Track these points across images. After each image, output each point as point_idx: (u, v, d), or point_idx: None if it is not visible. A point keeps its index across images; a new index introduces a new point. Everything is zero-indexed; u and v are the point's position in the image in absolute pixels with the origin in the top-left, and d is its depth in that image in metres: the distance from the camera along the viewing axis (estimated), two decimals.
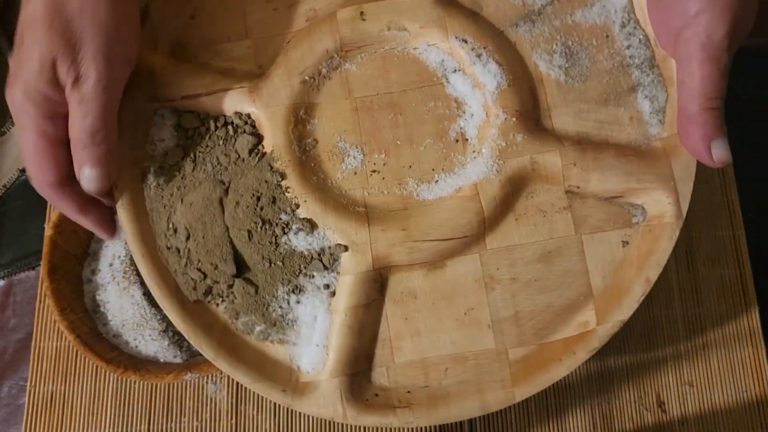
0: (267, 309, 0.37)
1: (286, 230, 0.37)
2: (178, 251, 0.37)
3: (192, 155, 0.38)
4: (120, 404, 0.46)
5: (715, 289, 0.48)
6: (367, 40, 0.39)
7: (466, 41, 0.38)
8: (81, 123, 0.35)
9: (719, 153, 0.35)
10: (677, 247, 0.38)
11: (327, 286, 0.37)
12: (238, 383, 0.46)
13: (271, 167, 0.38)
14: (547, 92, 0.39)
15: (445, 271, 0.37)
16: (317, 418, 0.46)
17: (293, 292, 0.37)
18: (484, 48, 0.38)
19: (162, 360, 0.45)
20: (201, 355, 0.47)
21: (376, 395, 0.37)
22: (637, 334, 0.47)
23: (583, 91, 0.39)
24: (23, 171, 0.51)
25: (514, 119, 0.37)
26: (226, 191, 0.38)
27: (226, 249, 0.37)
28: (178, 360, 0.45)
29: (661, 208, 0.37)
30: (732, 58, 0.35)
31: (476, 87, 0.38)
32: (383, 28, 0.38)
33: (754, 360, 0.47)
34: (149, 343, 0.45)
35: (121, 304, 0.45)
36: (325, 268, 0.37)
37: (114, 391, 0.46)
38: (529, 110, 0.38)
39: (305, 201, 0.37)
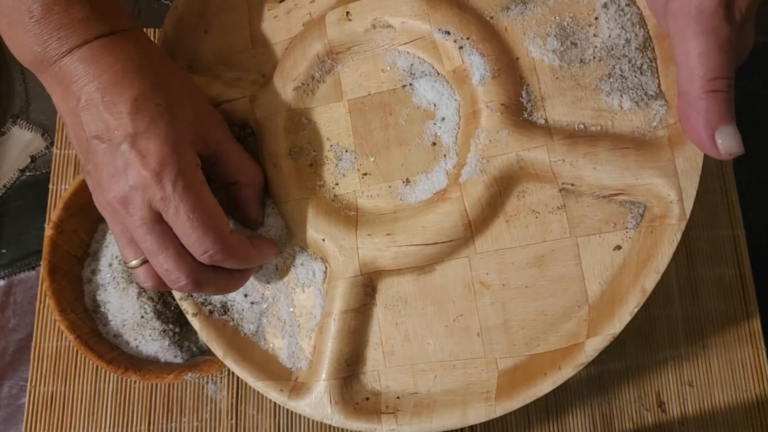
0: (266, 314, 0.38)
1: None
2: None
3: None
4: (120, 404, 0.46)
5: (714, 289, 0.48)
6: (355, 40, 0.37)
7: (449, 32, 0.35)
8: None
9: (726, 143, 0.29)
10: (677, 247, 0.34)
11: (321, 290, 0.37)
12: (238, 383, 0.46)
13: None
14: (540, 80, 0.35)
15: (434, 276, 0.36)
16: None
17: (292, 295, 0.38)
18: (467, 39, 0.35)
19: (162, 360, 0.45)
20: (201, 355, 0.46)
21: (367, 399, 0.36)
22: (636, 334, 0.47)
23: (580, 77, 0.34)
24: (23, 171, 0.51)
25: (499, 113, 0.34)
26: None
27: None
28: (178, 360, 0.45)
29: (664, 207, 0.33)
30: (738, 30, 0.29)
31: (459, 82, 0.36)
32: (368, 27, 0.37)
33: (754, 360, 0.47)
34: (149, 343, 0.45)
35: (121, 304, 0.45)
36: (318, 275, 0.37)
37: (114, 391, 0.46)
38: (517, 102, 0.34)
39: (297, 206, 0.37)
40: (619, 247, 0.34)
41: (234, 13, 0.41)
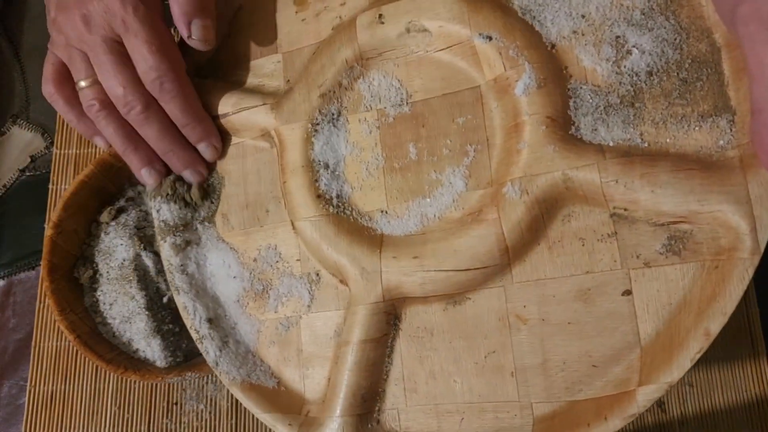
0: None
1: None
2: None
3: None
4: (120, 404, 0.45)
5: None
6: (387, 45, 0.34)
7: (490, 38, 0.31)
8: None
9: None
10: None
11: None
12: None
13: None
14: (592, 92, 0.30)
15: (465, 306, 0.32)
16: None
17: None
18: (511, 45, 0.31)
19: None
20: (200, 355, 0.46)
21: None
22: None
23: (636, 89, 0.30)
24: (23, 171, 0.51)
25: (544, 127, 0.30)
26: None
27: None
28: (177, 360, 0.45)
29: (733, 238, 0.27)
30: None
31: (500, 92, 0.32)
32: (402, 31, 0.33)
33: (754, 360, 0.46)
34: None
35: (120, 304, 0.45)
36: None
37: (114, 391, 0.45)
38: (564, 116, 0.30)
39: (316, 223, 0.34)
40: (678, 283, 0.29)
41: (260, 15, 0.38)
